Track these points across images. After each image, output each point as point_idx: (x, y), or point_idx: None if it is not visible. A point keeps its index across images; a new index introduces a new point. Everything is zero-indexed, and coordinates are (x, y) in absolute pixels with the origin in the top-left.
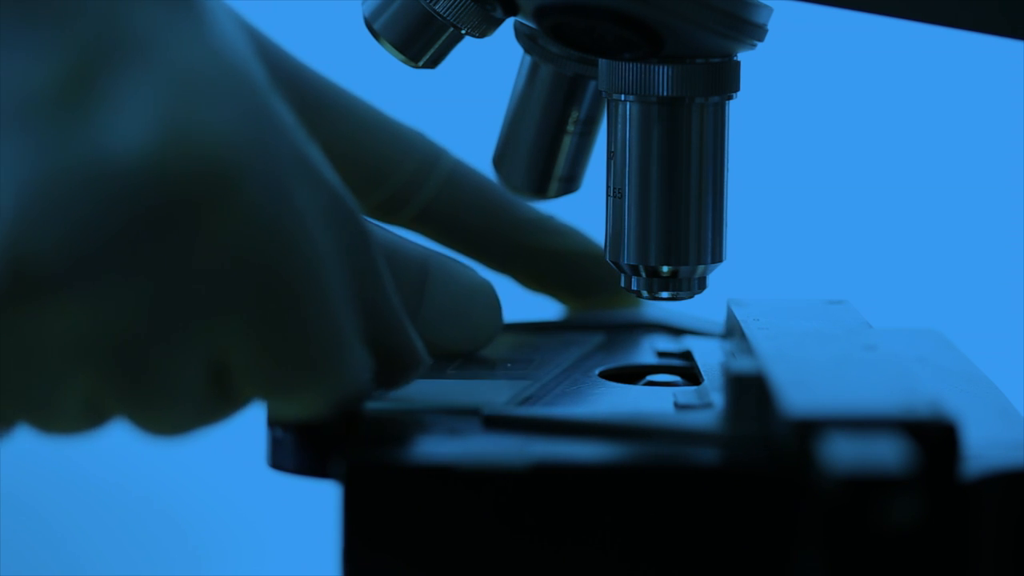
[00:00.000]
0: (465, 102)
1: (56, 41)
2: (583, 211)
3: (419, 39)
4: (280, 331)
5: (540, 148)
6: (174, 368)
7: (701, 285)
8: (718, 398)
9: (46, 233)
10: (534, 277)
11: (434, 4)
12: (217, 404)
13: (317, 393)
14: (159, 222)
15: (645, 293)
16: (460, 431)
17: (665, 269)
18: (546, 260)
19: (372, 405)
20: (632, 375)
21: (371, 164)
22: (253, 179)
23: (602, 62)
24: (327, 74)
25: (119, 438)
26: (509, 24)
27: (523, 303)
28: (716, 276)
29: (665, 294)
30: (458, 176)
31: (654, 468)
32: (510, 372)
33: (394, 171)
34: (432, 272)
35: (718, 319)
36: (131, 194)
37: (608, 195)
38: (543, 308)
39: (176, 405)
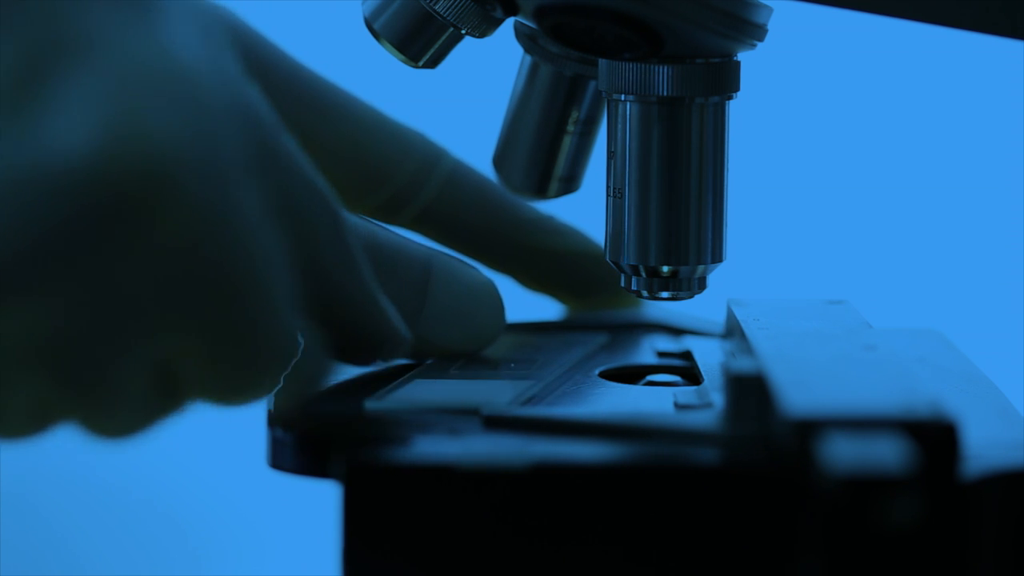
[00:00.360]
0: (465, 102)
1: (2, 42)
2: (583, 211)
3: (419, 39)
4: (224, 333)
5: (540, 148)
6: (118, 371)
7: (701, 285)
8: (718, 398)
9: None
10: (534, 277)
11: (434, 4)
12: (164, 405)
13: (263, 392)
14: (98, 222)
15: (645, 293)
16: (460, 431)
17: (665, 269)
18: (546, 260)
19: (372, 405)
20: (632, 375)
21: (372, 165)
22: (196, 179)
23: (602, 62)
24: (327, 74)
25: None
26: (509, 24)
27: (524, 303)
28: (716, 276)
29: (665, 294)
30: (459, 176)
31: (654, 468)
32: (513, 372)
33: (395, 172)
34: (435, 271)
35: (718, 319)
36: (70, 193)
37: (608, 195)
38: (544, 308)
39: (122, 408)
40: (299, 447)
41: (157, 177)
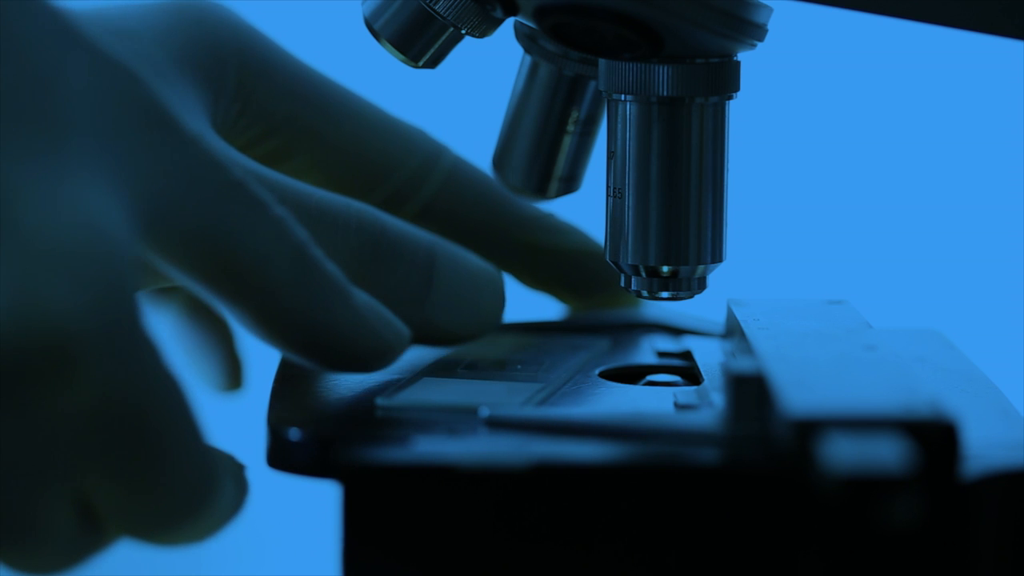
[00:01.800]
0: (465, 102)
1: None
2: (583, 211)
3: (419, 39)
4: (138, 478)
5: (540, 148)
6: (40, 511)
7: (701, 285)
8: (718, 398)
9: None
10: (534, 275)
11: (434, 4)
12: (91, 542)
13: (185, 532)
14: (3, 391)
15: (645, 293)
16: (460, 431)
17: (665, 269)
18: (546, 258)
19: (382, 403)
20: (632, 375)
21: (374, 161)
22: (95, 350)
23: (602, 62)
24: (328, 74)
25: None
26: (509, 24)
27: (524, 302)
28: (716, 276)
29: (665, 294)
30: (459, 173)
31: (654, 468)
32: (520, 373)
33: (397, 168)
34: (439, 258)
35: (718, 319)
36: None
37: (608, 195)
38: (544, 308)
39: (47, 547)
40: (299, 447)
41: (57, 353)
